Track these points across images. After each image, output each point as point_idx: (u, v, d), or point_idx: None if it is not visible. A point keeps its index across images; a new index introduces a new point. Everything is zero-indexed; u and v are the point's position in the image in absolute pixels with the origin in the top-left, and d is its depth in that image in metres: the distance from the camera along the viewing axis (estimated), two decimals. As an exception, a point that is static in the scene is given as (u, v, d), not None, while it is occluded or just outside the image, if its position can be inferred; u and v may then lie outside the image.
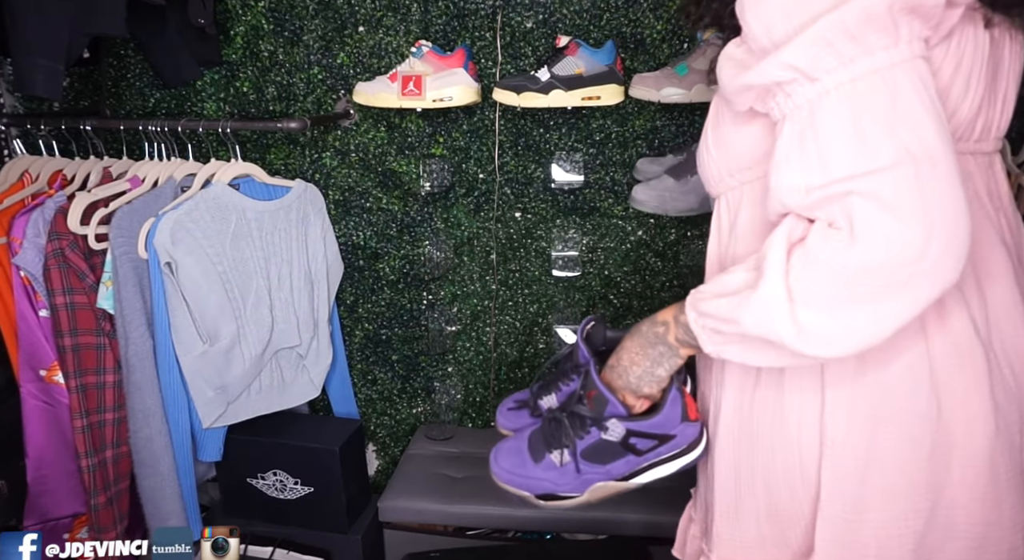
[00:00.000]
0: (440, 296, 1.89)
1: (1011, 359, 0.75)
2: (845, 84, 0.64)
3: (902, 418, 0.74)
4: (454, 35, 1.68)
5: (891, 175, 0.62)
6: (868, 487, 0.75)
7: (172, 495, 1.52)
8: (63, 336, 1.44)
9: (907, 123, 0.63)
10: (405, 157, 1.79)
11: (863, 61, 0.64)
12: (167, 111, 1.82)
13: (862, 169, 0.63)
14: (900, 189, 0.62)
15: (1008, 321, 0.75)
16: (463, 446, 1.89)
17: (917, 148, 0.62)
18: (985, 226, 0.75)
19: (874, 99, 0.64)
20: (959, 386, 0.73)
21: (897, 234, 0.62)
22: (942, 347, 0.73)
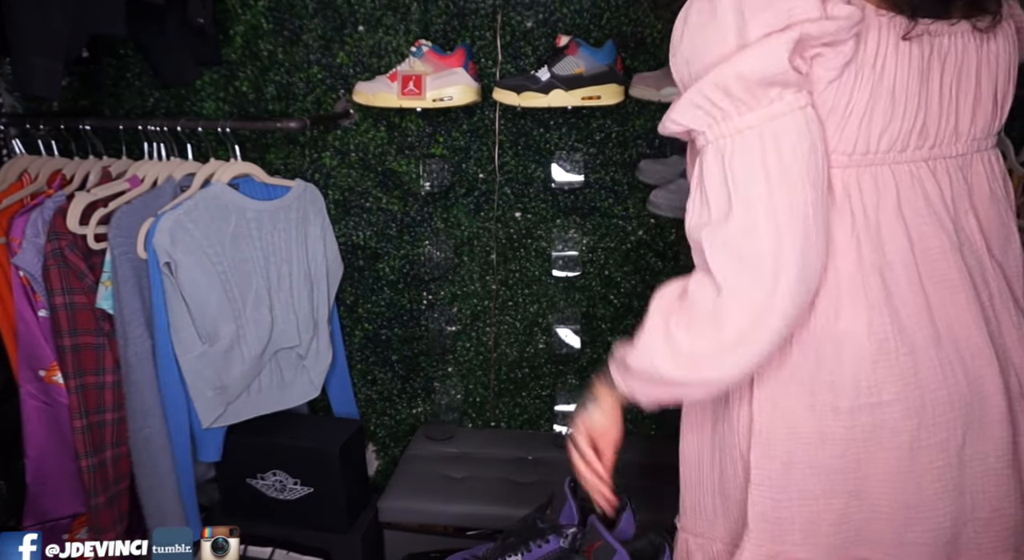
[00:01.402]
0: (440, 296, 1.89)
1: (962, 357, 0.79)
2: (720, 138, 0.74)
3: (822, 411, 0.80)
4: (454, 35, 1.68)
5: (738, 226, 0.72)
6: (791, 469, 0.81)
7: (172, 495, 1.51)
8: (62, 336, 1.43)
9: (759, 179, 0.71)
10: (405, 157, 1.78)
11: (728, 123, 0.73)
12: (166, 111, 1.82)
13: (717, 219, 0.73)
14: (746, 241, 0.72)
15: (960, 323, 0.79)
16: (463, 446, 1.89)
17: (765, 202, 0.71)
18: (931, 235, 0.79)
19: (738, 155, 0.72)
20: (889, 387, 0.78)
21: (745, 285, 0.73)
22: (869, 348, 0.78)
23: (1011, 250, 0.86)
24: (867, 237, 0.78)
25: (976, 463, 0.80)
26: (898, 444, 0.79)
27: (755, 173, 0.71)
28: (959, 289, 0.79)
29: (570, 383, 1.91)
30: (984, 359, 0.79)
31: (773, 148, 0.71)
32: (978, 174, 0.83)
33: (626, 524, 1.01)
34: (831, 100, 0.75)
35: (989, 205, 0.84)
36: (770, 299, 0.73)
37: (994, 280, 0.82)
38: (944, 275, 0.79)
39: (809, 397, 0.80)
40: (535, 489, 1.70)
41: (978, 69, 0.80)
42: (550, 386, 1.93)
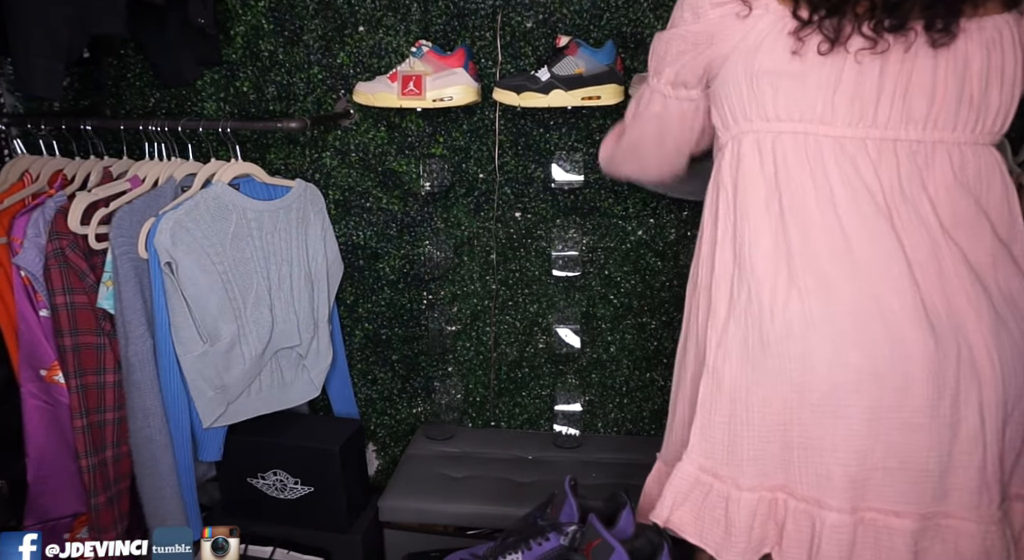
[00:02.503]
0: (440, 296, 1.89)
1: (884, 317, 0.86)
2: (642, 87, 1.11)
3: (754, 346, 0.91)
4: (454, 35, 1.68)
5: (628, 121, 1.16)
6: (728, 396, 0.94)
7: (172, 495, 1.52)
8: (63, 336, 1.44)
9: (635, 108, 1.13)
10: (405, 157, 1.79)
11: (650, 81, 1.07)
12: (167, 111, 1.82)
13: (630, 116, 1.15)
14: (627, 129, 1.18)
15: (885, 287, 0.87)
16: (463, 446, 1.89)
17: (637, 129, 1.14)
18: (861, 199, 0.89)
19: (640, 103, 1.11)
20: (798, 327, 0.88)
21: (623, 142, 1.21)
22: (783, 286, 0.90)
23: (981, 244, 0.90)
24: (788, 193, 0.91)
25: (892, 416, 0.86)
26: (815, 379, 0.88)
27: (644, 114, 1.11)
28: (885, 253, 0.88)
29: (570, 383, 1.91)
30: (910, 322, 0.86)
31: (659, 106, 1.07)
32: (941, 163, 0.90)
33: (625, 522, 1.02)
34: (738, 73, 0.93)
35: (954, 194, 0.90)
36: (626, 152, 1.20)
37: (949, 259, 0.88)
38: (871, 238, 0.88)
39: (744, 333, 0.92)
40: (535, 489, 1.70)
41: (935, 67, 0.88)
42: (550, 386, 1.94)
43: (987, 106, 0.89)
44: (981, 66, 0.88)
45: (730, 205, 0.96)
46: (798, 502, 0.92)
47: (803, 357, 0.88)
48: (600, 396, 1.92)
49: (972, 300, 0.87)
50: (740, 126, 0.96)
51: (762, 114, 0.93)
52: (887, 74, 0.88)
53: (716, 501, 0.95)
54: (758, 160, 0.94)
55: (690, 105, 1.04)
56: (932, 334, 0.85)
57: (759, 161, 0.94)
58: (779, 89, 0.91)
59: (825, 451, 0.89)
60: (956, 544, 0.89)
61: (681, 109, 1.04)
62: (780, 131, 0.92)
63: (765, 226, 0.92)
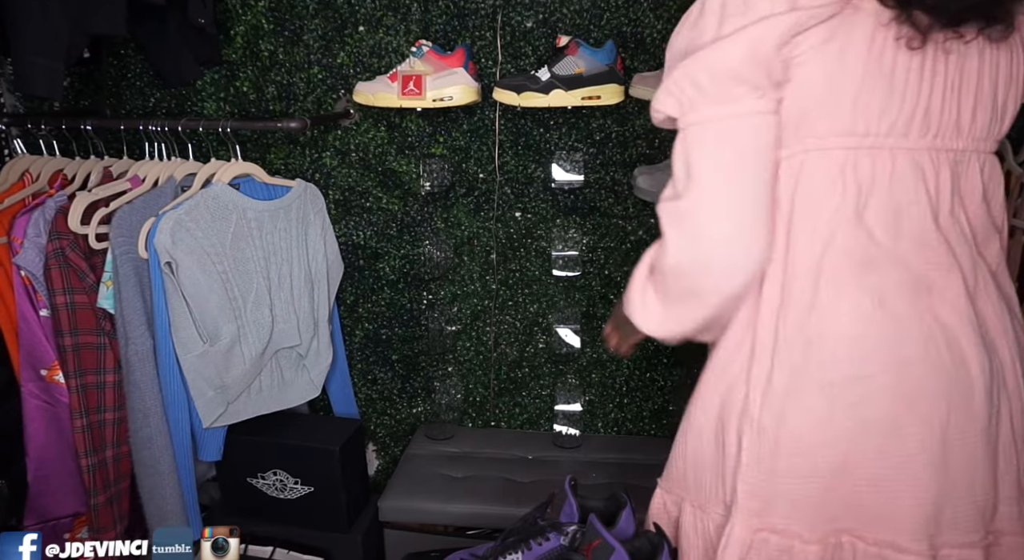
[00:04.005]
0: (440, 296, 1.89)
1: (946, 336, 0.81)
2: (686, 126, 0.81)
3: (808, 388, 0.83)
4: (454, 35, 1.68)
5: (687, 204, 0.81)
6: (779, 447, 0.84)
7: (172, 495, 1.52)
8: (63, 336, 1.44)
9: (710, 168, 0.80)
10: (405, 157, 1.79)
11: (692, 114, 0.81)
12: (167, 111, 1.82)
13: (675, 194, 0.83)
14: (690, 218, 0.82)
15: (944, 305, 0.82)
16: (463, 446, 1.89)
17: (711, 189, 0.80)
18: (921, 219, 0.82)
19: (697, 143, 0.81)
20: (871, 361, 0.81)
21: (683, 257, 0.84)
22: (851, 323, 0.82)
23: (992, 249, 0.89)
24: (855, 216, 0.81)
25: (959, 441, 0.81)
26: (881, 417, 0.81)
27: (707, 162, 0.80)
28: (950, 275, 0.82)
29: (570, 383, 1.91)
30: (968, 340, 0.81)
31: (728, 143, 0.79)
32: (973, 173, 0.86)
33: (625, 522, 1.02)
34: (818, 82, 0.79)
35: (978, 205, 0.87)
36: (704, 274, 0.83)
37: (981, 271, 0.86)
38: (934, 258, 0.82)
39: (796, 375, 0.83)
40: (535, 489, 1.70)
41: (980, 70, 0.83)
42: (550, 386, 1.94)
43: (1005, 111, 0.87)
44: (1007, 70, 0.85)
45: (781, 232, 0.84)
46: (868, 546, 0.84)
47: (870, 393, 0.81)
48: (600, 396, 1.92)
49: (998, 313, 0.86)
50: (804, 143, 0.82)
51: (840, 128, 0.81)
52: (947, 78, 0.81)
53: (776, 556, 0.86)
54: (827, 179, 0.82)
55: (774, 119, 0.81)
56: (985, 353, 0.82)
57: (828, 180, 0.82)
58: (862, 99, 0.80)
59: (901, 491, 0.82)
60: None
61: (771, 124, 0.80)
62: (859, 146, 0.81)
63: (831, 251, 0.82)
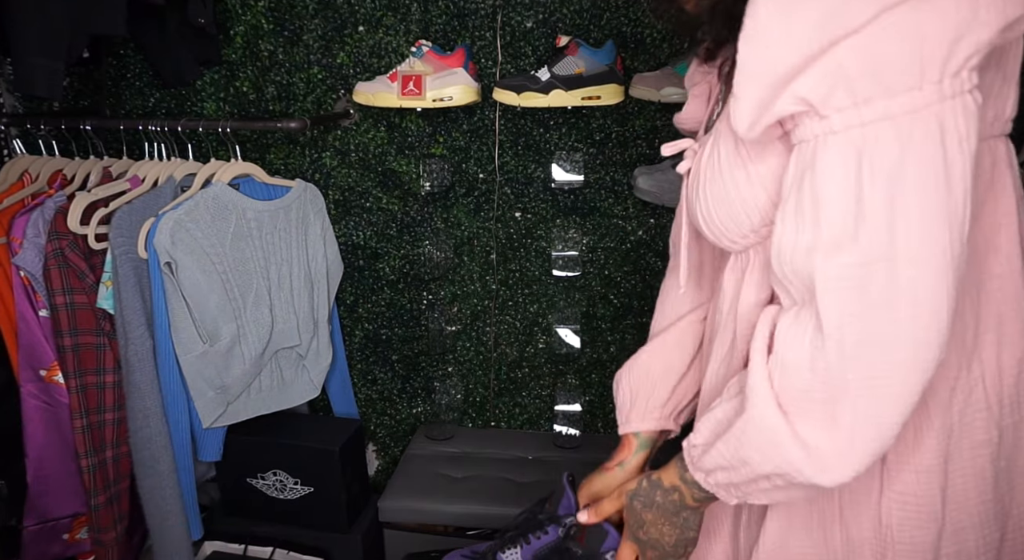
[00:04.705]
0: (440, 296, 1.89)
1: None
2: (854, 128, 0.52)
3: (965, 458, 0.64)
4: (454, 35, 1.68)
5: (874, 252, 0.53)
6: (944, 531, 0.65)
7: (172, 495, 1.51)
8: (63, 336, 1.43)
9: (905, 198, 0.52)
10: (405, 157, 1.79)
11: (878, 103, 0.51)
12: (167, 111, 1.82)
13: (836, 241, 0.53)
14: (872, 283, 0.53)
15: None
16: (463, 446, 1.89)
17: (902, 240, 0.52)
18: None
19: (884, 150, 0.52)
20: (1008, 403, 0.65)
21: (873, 341, 0.53)
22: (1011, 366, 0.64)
23: None
24: (1018, 220, 0.62)
25: None
26: None
27: (909, 178, 0.52)
28: None
29: (570, 383, 1.91)
30: None
31: (939, 144, 0.51)
32: None
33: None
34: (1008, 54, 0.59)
35: None
36: (910, 364, 0.53)
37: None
38: None
39: (954, 433, 0.63)
40: (535, 489, 1.70)
41: None
42: (550, 386, 1.94)
43: None
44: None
45: None
46: None
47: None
48: (600, 396, 1.92)
49: None
50: (986, 129, 0.61)
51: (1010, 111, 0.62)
52: None
53: None
54: (1006, 166, 0.63)
55: None
56: None
57: (1007, 166, 0.63)
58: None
59: None
60: None
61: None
62: (1006, 131, 0.63)
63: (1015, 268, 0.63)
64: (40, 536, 1.58)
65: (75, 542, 1.63)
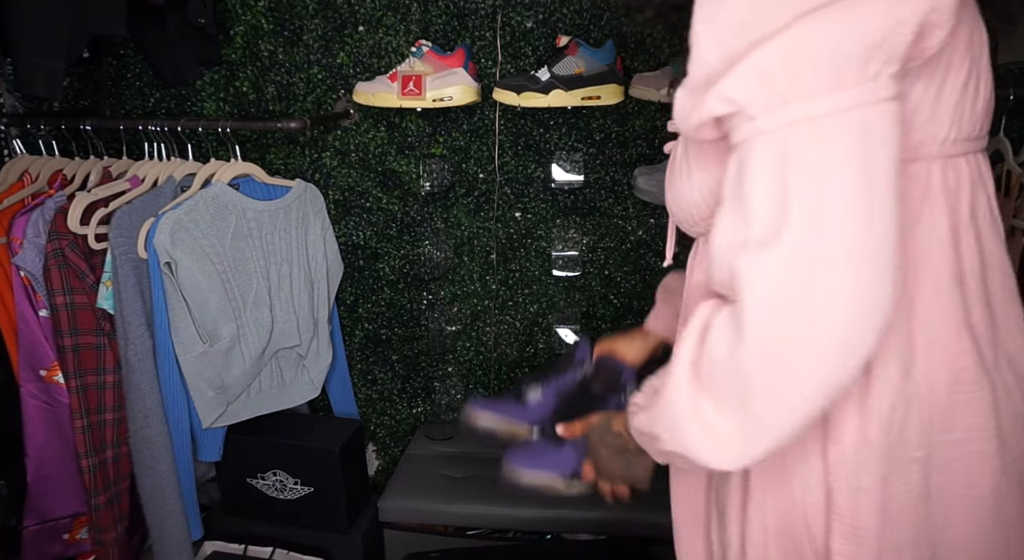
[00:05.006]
0: (440, 296, 1.89)
1: (1019, 379, 0.67)
2: (781, 127, 0.54)
3: (900, 475, 0.65)
4: (454, 35, 1.68)
5: (795, 249, 0.53)
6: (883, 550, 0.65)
7: (172, 495, 1.51)
8: (63, 336, 1.43)
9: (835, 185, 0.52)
10: (405, 157, 1.79)
11: (799, 105, 0.53)
12: (167, 111, 1.82)
13: (762, 237, 0.54)
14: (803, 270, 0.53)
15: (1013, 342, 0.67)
16: (463, 446, 1.89)
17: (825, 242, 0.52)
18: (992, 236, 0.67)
19: (808, 151, 0.53)
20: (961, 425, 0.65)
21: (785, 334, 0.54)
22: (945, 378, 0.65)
23: None
24: (951, 243, 0.64)
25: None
26: (978, 485, 0.65)
27: (831, 177, 0.52)
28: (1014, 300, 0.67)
29: (570, 383, 1.91)
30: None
31: (860, 146, 0.52)
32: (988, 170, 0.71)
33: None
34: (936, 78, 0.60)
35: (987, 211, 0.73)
36: (825, 348, 0.54)
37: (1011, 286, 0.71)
38: (1001, 285, 0.67)
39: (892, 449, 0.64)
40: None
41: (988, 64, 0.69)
42: (550, 386, 1.93)
43: None
44: None
45: None
46: None
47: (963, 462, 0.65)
48: (600, 396, 1.92)
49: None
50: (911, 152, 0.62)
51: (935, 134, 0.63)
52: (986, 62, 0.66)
53: None
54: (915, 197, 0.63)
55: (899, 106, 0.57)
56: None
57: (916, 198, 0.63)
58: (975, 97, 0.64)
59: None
60: None
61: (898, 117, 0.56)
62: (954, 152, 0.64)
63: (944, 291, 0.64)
64: (40, 536, 1.58)
65: (75, 542, 1.63)
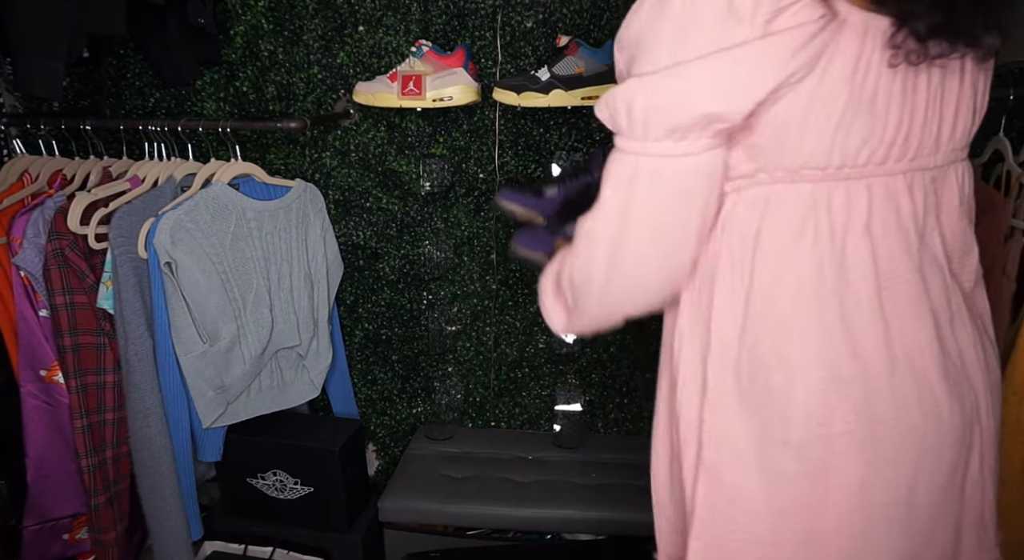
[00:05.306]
0: (440, 296, 1.89)
1: (918, 386, 0.74)
2: (615, 149, 0.75)
3: (772, 444, 0.75)
4: (454, 35, 1.68)
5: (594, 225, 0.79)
6: (736, 506, 0.77)
7: (172, 495, 1.52)
8: (63, 336, 1.43)
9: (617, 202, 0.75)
10: (405, 157, 1.79)
11: (620, 139, 0.74)
12: (167, 111, 1.82)
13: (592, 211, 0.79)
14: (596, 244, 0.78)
15: (918, 351, 0.75)
16: (463, 446, 1.89)
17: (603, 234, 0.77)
18: (898, 256, 0.75)
19: (615, 171, 0.75)
20: (839, 418, 0.73)
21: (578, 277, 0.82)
22: (820, 376, 0.74)
23: (968, 264, 0.84)
24: (831, 259, 0.73)
25: (926, 498, 0.76)
26: (848, 482, 0.74)
27: (619, 194, 0.75)
28: (920, 314, 0.75)
29: (570, 383, 1.91)
30: (941, 388, 0.75)
31: (641, 186, 0.73)
32: (950, 186, 0.80)
33: None
34: (795, 115, 0.69)
35: (956, 219, 0.81)
36: (618, 297, 0.80)
37: (955, 299, 0.79)
38: (906, 299, 0.75)
39: (760, 430, 0.75)
40: (535, 489, 1.70)
41: (961, 73, 0.76)
42: (550, 386, 1.94)
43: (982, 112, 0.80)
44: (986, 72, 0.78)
45: (740, 269, 0.76)
46: None
47: (835, 454, 0.74)
48: (600, 396, 1.92)
49: (975, 343, 0.80)
50: (773, 175, 0.73)
51: (815, 162, 0.72)
52: (929, 94, 0.73)
53: None
54: (798, 216, 0.73)
55: (719, 154, 0.72)
56: (957, 396, 0.76)
57: (799, 217, 0.73)
58: (842, 129, 0.70)
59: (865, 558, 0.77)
60: None
61: (716, 161, 0.72)
62: (833, 178, 0.73)
63: (798, 296, 0.74)
64: (40, 536, 1.58)
65: (75, 542, 1.64)
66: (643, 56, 0.70)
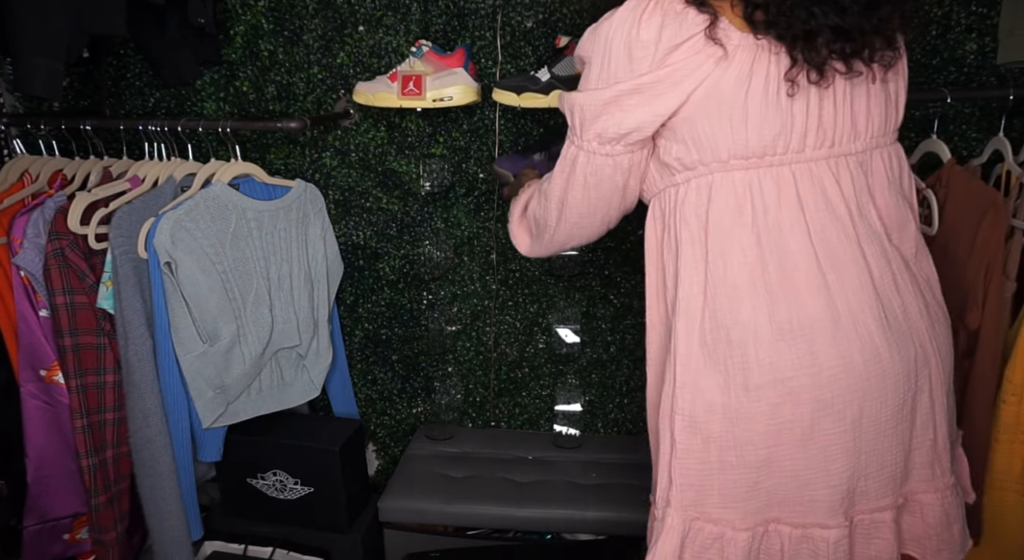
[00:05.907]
0: (440, 296, 1.89)
1: (860, 335, 0.89)
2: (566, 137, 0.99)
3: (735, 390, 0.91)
4: (454, 35, 1.68)
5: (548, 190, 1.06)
6: (710, 443, 0.93)
7: (172, 495, 1.52)
8: (63, 336, 1.44)
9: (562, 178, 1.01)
10: (405, 157, 1.79)
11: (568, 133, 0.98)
12: (167, 111, 1.82)
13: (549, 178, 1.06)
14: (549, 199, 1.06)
15: (858, 305, 0.90)
16: (463, 446, 1.89)
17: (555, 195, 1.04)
18: (829, 227, 0.91)
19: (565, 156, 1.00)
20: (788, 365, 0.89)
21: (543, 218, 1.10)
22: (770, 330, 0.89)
23: (907, 234, 0.97)
24: (767, 232, 0.90)
25: (872, 428, 0.91)
26: (800, 416, 0.90)
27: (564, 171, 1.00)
28: (860, 277, 0.90)
29: (570, 383, 1.91)
30: (881, 339, 0.90)
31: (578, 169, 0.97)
32: (878, 167, 0.95)
33: None
34: (708, 118, 0.88)
35: (888, 194, 0.95)
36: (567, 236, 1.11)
37: (895, 262, 0.94)
38: (845, 265, 0.90)
39: (724, 378, 0.91)
40: (535, 489, 1.70)
41: (869, 75, 0.91)
42: (550, 386, 1.94)
43: (899, 103, 0.96)
44: (897, 66, 0.94)
45: (697, 246, 0.94)
46: (794, 529, 0.95)
47: (789, 396, 0.90)
48: (600, 396, 1.92)
49: (916, 300, 0.94)
50: (709, 166, 0.92)
51: (739, 153, 0.90)
52: (836, 91, 0.90)
53: (710, 543, 0.96)
54: (733, 199, 0.91)
55: (642, 154, 0.96)
56: (898, 346, 0.91)
57: (735, 200, 0.91)
58: (753, 126, 0.88)
59: (817, 479, 0.92)
60: (922, 515, 0.99)
61: (632, 161, 0.96)
62: (759, 166, 0.90)
63: (744, 265, 0.91)
64: (40, 536, 1.59)
65: (75, 542, 1.64)
66: (585, 74, 0.94)
